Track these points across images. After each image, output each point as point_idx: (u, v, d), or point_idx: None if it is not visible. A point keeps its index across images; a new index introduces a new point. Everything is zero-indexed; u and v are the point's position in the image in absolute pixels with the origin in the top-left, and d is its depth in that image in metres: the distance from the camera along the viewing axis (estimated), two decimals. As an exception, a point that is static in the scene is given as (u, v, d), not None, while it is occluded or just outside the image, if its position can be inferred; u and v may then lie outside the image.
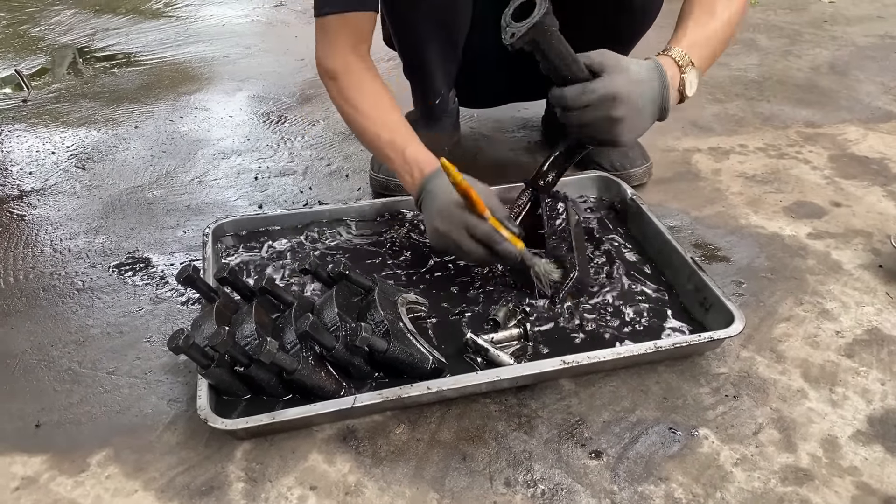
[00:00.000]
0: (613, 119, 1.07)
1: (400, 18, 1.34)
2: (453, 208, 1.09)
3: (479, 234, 1.08)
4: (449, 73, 1.47)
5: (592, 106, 1.07)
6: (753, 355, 1.10)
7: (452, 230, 1.09)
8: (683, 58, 1.14)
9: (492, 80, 1.61)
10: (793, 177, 1.61)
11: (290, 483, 0.91)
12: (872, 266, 1.30)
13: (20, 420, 1.01)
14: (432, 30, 1.33)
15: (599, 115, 1.07)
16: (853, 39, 2.47)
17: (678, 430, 0.98)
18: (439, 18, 1.31)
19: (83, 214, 1.49)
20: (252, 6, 2.94)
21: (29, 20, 2.74)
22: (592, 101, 1.06)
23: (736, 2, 1.22)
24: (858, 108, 1.94)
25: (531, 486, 0.90)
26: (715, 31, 1.19)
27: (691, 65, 1.15)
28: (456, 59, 1.44)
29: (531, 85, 1.67)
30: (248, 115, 1.96)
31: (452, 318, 1.14)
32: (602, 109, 1.07)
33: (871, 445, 0.96)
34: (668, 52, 1.15)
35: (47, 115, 1.96)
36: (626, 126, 1.09)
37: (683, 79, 1.14)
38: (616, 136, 1.10)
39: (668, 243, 1.23)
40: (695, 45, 1.16)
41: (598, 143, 1.16)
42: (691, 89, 1.16)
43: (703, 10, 1.19)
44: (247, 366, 0.94)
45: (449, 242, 1.11)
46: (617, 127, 1.09)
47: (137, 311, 1.21)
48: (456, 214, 1.09)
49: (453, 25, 1.35)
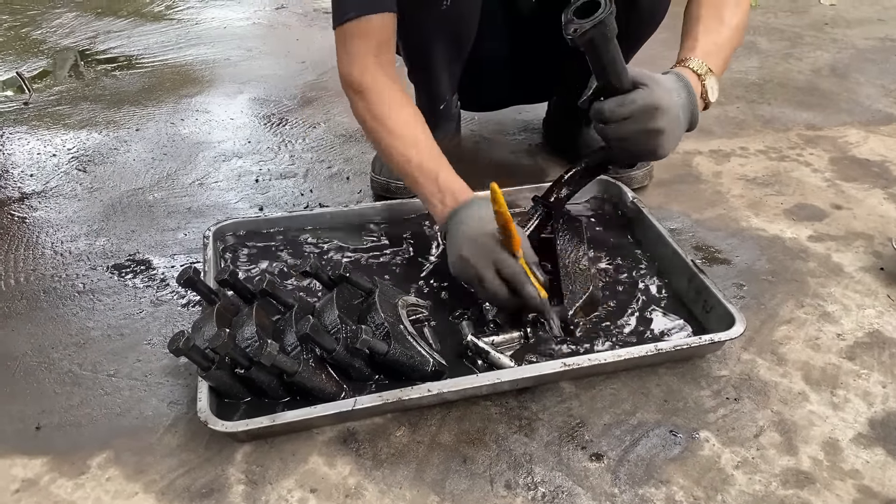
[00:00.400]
0: (654, 131, 1.06)
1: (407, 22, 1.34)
2: (486, 239, 1.04)
3: (506, 271, 1.03)
4: (454, 78, 1.47)
5: (633, 118, 1.05)
6: (754, 358, 1.10)
7: (480, 261, 1.04)
8: (701, 67, 1.14)
9: (494, 84, 1.61)
10: (794, 179, 1.61)
11: (290, 485, 0.91)
12: (873, 269, 1.30)
13: (20, 422, 1.00)
14: (439, 35, 1.33)
15: (640, 128, 1.06)
16: (854, 42, 2.47)
17: (679, 432, 0.98)
18: (447, 24, 1.31)
19: (84, 217, 1.49)
20: (253, 9, 2.94)
21: (31, 23, 2.74)
22: (633, 113, 1.04)
23: (742, 6, 1.22)
24: (859, 111, 1.94)
25: (532, 489, 0.90)
26: (726, 39, 1.19)
27: (710, 72, 1.14)
28: (461, 63, 1.44)
29: (533, 88, 1.67)
30: (249, 117, 1.97)
31: (453, 319, 1.14)
32: (642, 121, 1.05)
33: (872, 448, 0.96)
34: (686, 63, 1.15)
35: (48, 117, 1.96)
36: (666, 138, 1.07)
37: (705, 86, 1.14)
38: (655, 148, 1.08)
39: (668, 246, 1.23)
40: (709, 54, 1.16)
41: (635, 158, 1.14)
42: (713, 95, 1.16)
43: (712, 16, 1.19)
44: (247, 368, 0.94)
45: (472, 274, 1.06)
46: (657, 139, 1.07)
47: (138, 313, 1.21)
48: (488, 246, 1.04)
49: (460, 32, 1.35)
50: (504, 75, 1.57)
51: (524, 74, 1.59)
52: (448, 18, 1.28)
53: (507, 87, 1.63)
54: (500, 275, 1.04)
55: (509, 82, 1.60)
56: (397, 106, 1.20)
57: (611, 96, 1.06)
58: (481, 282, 1.05)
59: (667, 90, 1.06)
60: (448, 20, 1.29)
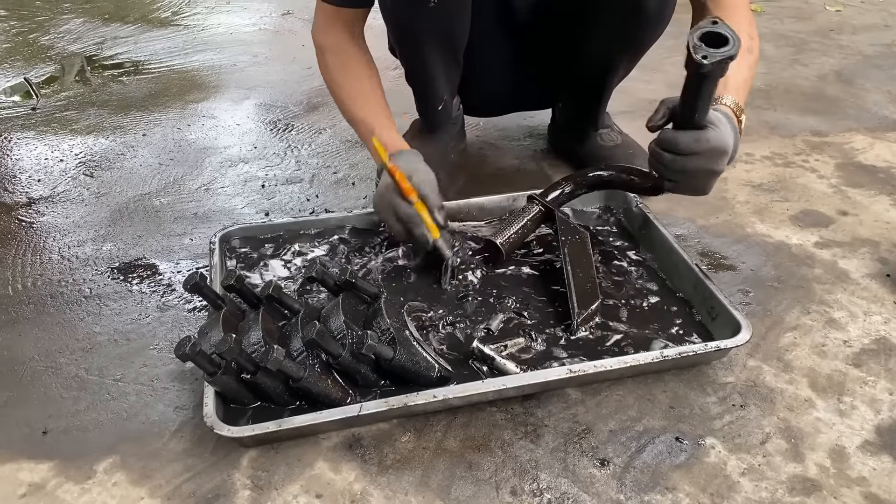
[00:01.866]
0: (715, 172, 1.08)
1: (397, 22, 1.35)
2: (386, 189, 1.20)
3: (401, 214, 1.19)
4: (450, 78, 1.47)
5: (702, 155, 1.05)
6: (760, 364, 1.10)
7: (383, 208, 1.22)
8: (737, 105, 1.15)
9: (497, 90, 1.61)
10: (799, 185, 1.60)
11: (295, 491, 0.91)
12: (880, 275, 1.30)
13: (27, 427, 1.01)
14: (430, 34, 1.34)
15: (704, 167, 1.07)
16: (860, 48, 2.47)
17: (685, 439, 0.98)
18: (436, 22, 1.32)
19: (91, 222, 1.50)
20: (259, 15, 2.95)
21: (38, 28, 2.76)
22: (704, 151, 1.05)
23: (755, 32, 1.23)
24: (865, 117, 1.94)
25: (537, 495, 0.90)
26: (751, 70, 1.20)
27: (742, 110, 1.15)
28: (457, 63, 1.45)
29: (534, 94, 1.67)
30: (255, 123, 1.97)
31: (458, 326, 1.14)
32: (709, 161, 1.06)
33: (879, 455, 0.95)
34: (723, 100, 1.14)
35: (56, 122, 1.97)
36: (716, 180, 1.10)
37: (741, 125, 1.15)
38: (707, 187, 1.12)
39: (674, 252, 1.23)
40: (740, 89, 1.17)
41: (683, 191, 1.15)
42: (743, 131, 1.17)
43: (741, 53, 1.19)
44: (253, 373, 0.95)
45: (381, 219, 1.27)
46: (712, 179, 1.10)
47: (144, 318, 1.21)
48: (387, 195, 1.20)
49: (451, 30, 1.36)
50: (504, 81, 1.57)
51: (524, 80, 1.59)
52: (437, 16, 1.30)
53: (508, 92, 1.63)
54: (398, 218, 1.20)
55: (510, 88, 1.61)
56: (355, 68, 1.36)
57: (683, 128, 1.05)
58: (387, 224, 1.24)
59: (729, 134, 1.07)
60: (437, 18, 1.31)
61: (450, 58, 1.42)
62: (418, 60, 1.41)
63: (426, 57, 1.38)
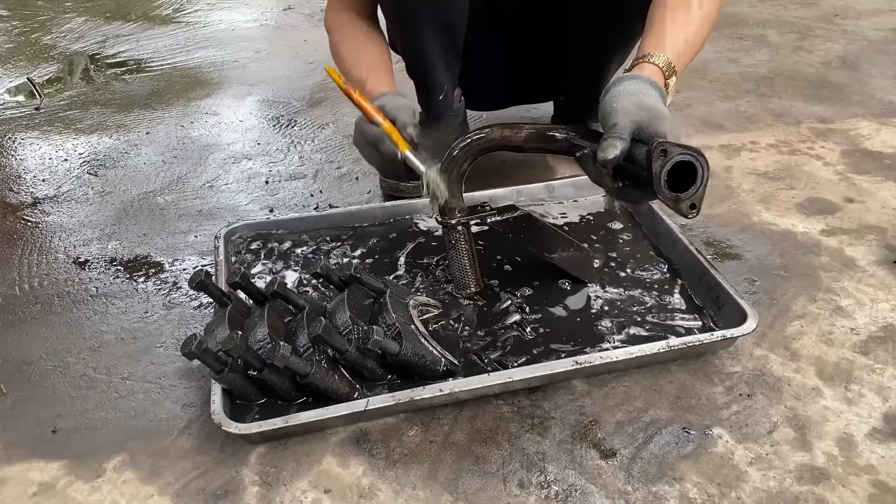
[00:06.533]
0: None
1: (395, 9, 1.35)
2: (359, 121, 1.22)
3: (368, 137, 1.19)
4: (449, 67, 1.47)
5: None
6: (767, 353, 1.10)
7: (357, 137, 1.24)
8: (669, 67, 1.06)
9: (499, 82, 1.61)
10: (805, 173, 1.60)
11: (304, 486, 0.91)
12: (887, 262, 1.29)
13: (37, 426, 1.01)
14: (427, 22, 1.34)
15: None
16: (865, 34, 2.45)
17: (692, 429, 0.97)
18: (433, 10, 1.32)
19: (96, 221, 1.50)
20: (261, 10, 2.95)
21: (41, 28, 2.76)
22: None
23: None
24: (871, 103, 1.93)
25: (545, 488, 0.90)
26: (695, 34, 1.10)
27: (674, 73, 1.07)
28: (456, 52, 1.44)
29: (534, 86, 1.67)
30: (258, 119, 1.97)
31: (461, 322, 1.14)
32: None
33: (887, 443, 0.95)
34: (652, 59, 1.06)
35: (59, 122, 1.98)
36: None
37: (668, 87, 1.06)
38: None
39: (679, 241, 1.23)
40: (676, 51, 1.07)
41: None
42: (669, 98, 1.07)
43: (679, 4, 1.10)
44: (260, 370, 0.95)
45: (358, 149, 1.27)
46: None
47: (151, 316, 1.21)
48: (358, 123, 1.22)
49: (450, 18, 1.36)
50: (503, 73, 1.57)
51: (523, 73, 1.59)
52: (434, 4, 1.30)
53: (508, 85, 1.63)
54: (367, 142, 1.21)
55: (509, 80, 1.60)
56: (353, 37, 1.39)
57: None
58: (361, 153, 1.26)
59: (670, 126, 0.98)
60: (434, 6, 1.31)
61: (448, 46, 1.41)
62: (417, 48, 1.40)
63: (424, 44, 1.38)
